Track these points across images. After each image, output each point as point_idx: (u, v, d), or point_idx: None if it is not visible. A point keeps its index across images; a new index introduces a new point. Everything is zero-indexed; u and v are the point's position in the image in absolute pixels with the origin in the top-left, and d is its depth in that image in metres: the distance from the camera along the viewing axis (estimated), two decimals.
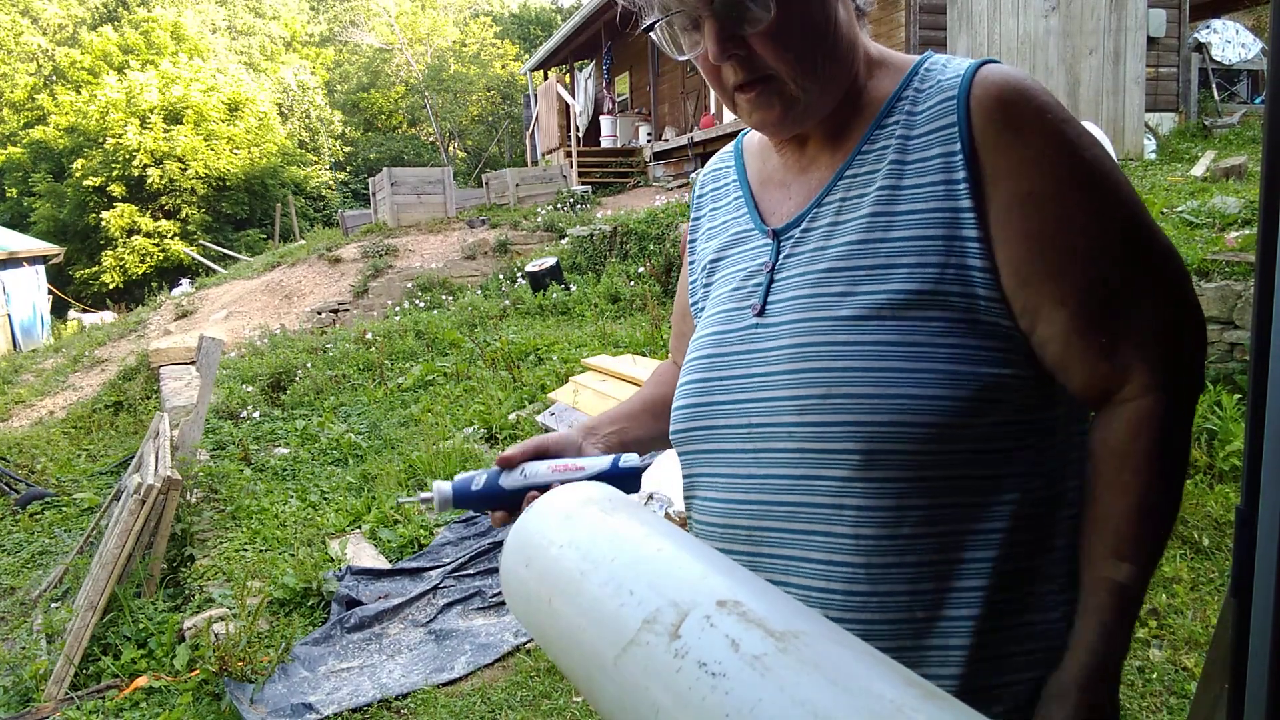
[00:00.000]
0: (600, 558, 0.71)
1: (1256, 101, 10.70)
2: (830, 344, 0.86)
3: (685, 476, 1.03)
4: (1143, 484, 0.83)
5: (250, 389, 7.84)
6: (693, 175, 13.11)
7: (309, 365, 8.29)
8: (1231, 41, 10.70)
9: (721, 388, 0.95)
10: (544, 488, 0.92)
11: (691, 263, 1.14)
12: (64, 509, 6.52)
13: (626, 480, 0.98)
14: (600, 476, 0.97)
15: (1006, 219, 0.84)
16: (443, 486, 0.98)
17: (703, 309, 1.07)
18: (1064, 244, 0.83)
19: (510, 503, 0.97)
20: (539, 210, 13.30)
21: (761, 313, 0.94)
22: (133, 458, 6.60)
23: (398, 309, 10.33)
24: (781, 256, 0.95)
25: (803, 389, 0.87)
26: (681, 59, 0.95)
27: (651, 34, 0.94)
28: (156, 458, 5.42)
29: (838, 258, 0.90)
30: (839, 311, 0.87)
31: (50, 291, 19.92)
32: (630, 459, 0.99)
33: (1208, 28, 10.82)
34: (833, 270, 0.90)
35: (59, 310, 20.81)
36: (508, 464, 0.99)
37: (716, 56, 0.89)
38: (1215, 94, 10.61)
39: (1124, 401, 0.85)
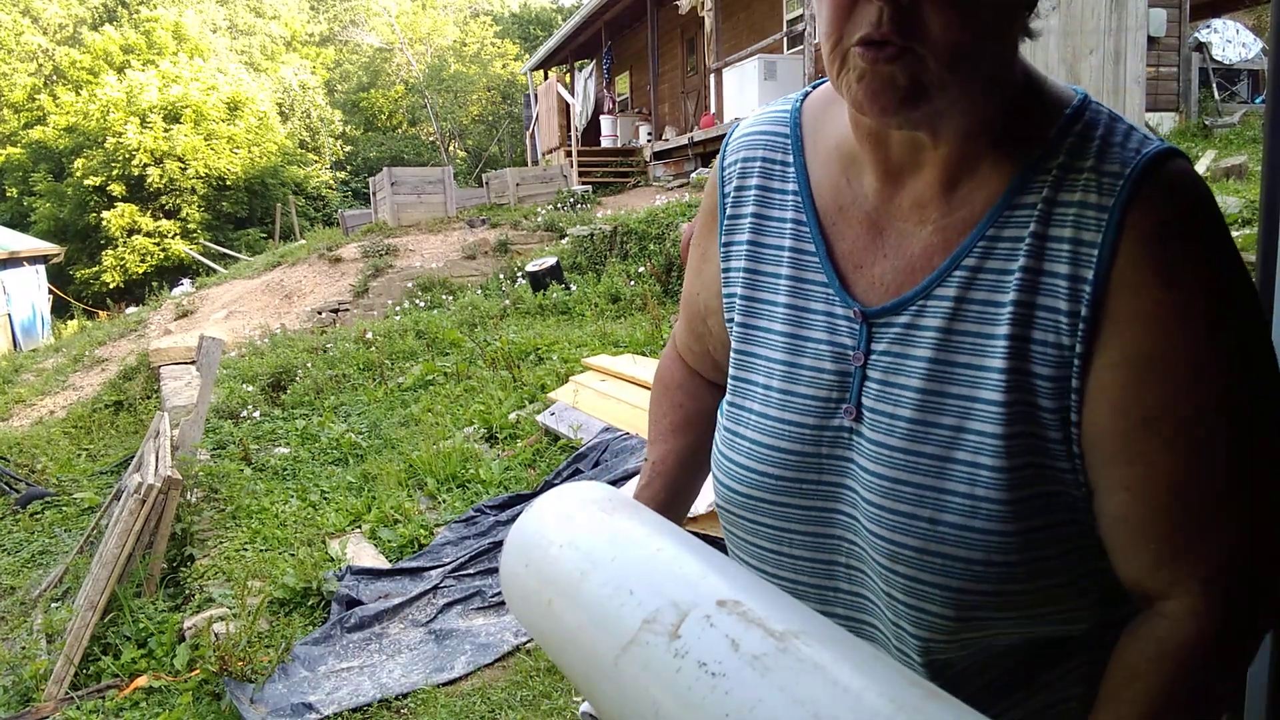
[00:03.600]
0: (600, 558, 0.71)
1: (1257, 101, 10.70)
2: (935, 490, 0.73)
3: (733, 545, 0.92)
4: (1150, 712, 0.70)
5: (250, 389, 7.83)
6: (693, 175, 13.11)
7: (309, 365, 8.29)
8: (1232, 41, 10.70)
9: (802, 492, 0.81)
10: None
11: (726, 270, 0.91)
12: (64, 509, 6.52)
13: None
14: None
15: (1110, 376, 0.69)
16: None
17: (744, 345, 0.88)
18: (1159, 429, 0.68)
19: None
20: (539, 210, 13.30)
21: (858, 418, 0.78)
22: (133, 457, 6.60)
23: (398, 309, 10.33)
24: (875, 348, 0.78)
25: (899, 534, 0.74)
26: None
27: None
28: (157, 457, 5.42)
29: (954, 380, 0.73)
30: (951, 454, 0.72)
31: (50, 291, 19.93)
32: None
33: (1208, 27, 10.82)
34: (945, 397, 0.73)
35: (59, 310, 20.82)
36: None
37: None
38: (1215, 93, 10.61)
39: (1160, 616, 0.71)
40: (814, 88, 0.90)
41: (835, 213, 0.83)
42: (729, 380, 0.90)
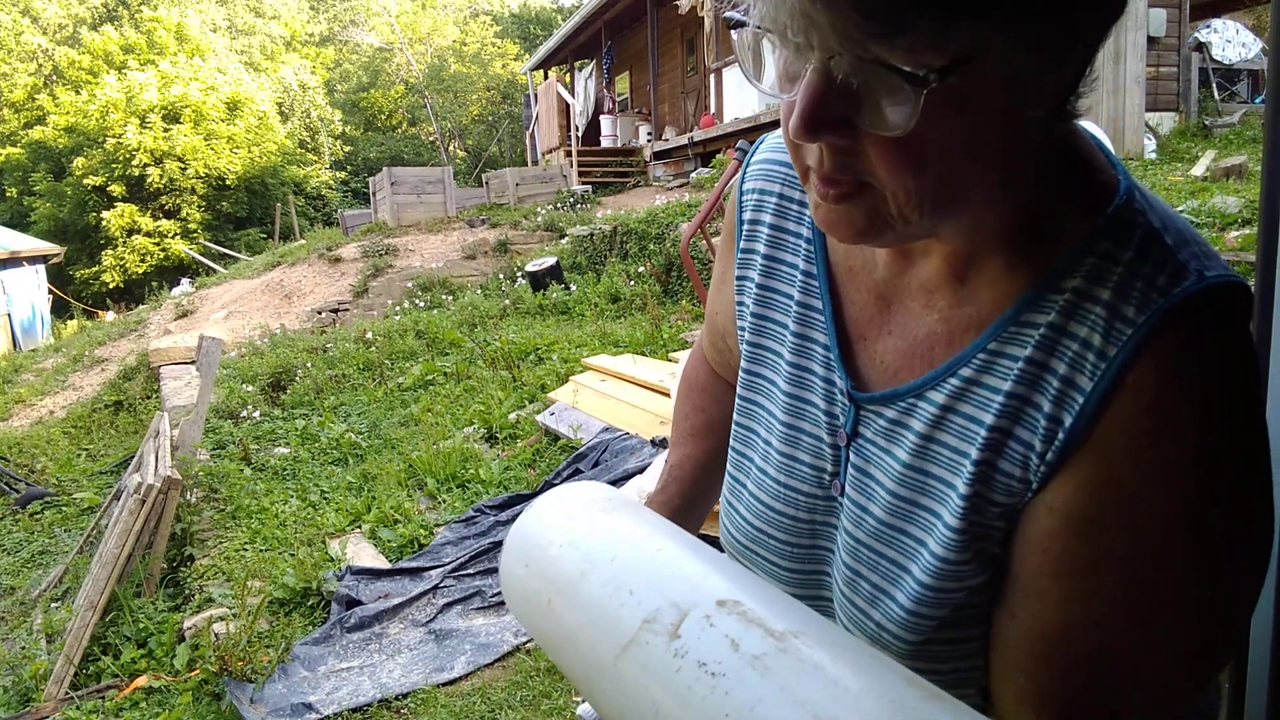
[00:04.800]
0: (600, 558, 0.71)
1: (1257, 101, 10.70)
2: (885, 593, 0.73)
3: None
4: None
5: (250, 389, 7.84)
6: (693, 175, 13.11)
7: (309, 365, 8.29)
8: (1232, 41, 10.70)
9: (793, 555, 0.81)
10: None
11: (739, 304, 0.87)
12: (64, 509, 6.52)
13: None
14: None
15: (1045, 517, 0.64)
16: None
17: (748, 393, 0.87)
18: (1071, 585, 0.63)
19: None
20: (539, 210, 13.30)
21: (842, 492, 0.77)
22: (133, 457, 6.60)
23: (398, 308, 10.34)
24: (861, 433, 0.75)
25: (862, 603, 0.75)
26: (759, 87, 0.64)
27: (733, 34, 0.64)
28: (156, 457, 5.43)
29: (925, 491, 0.71)
30: (907, 564, 0.71)
31: (50, 291, 19.93)
32: None
33: (1208, 27, 10.82)
34: (914, 506, 0.71)
35: (59, 310, 20.82)
36: None
37: (800, 133, 0.58)
38: (1215, 93, 10.61)
39: None
40: None
41: (846, 273, 0.78)
42: (733, 424, 0.88)
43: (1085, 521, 0.61)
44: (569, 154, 16.27)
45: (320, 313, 10.92)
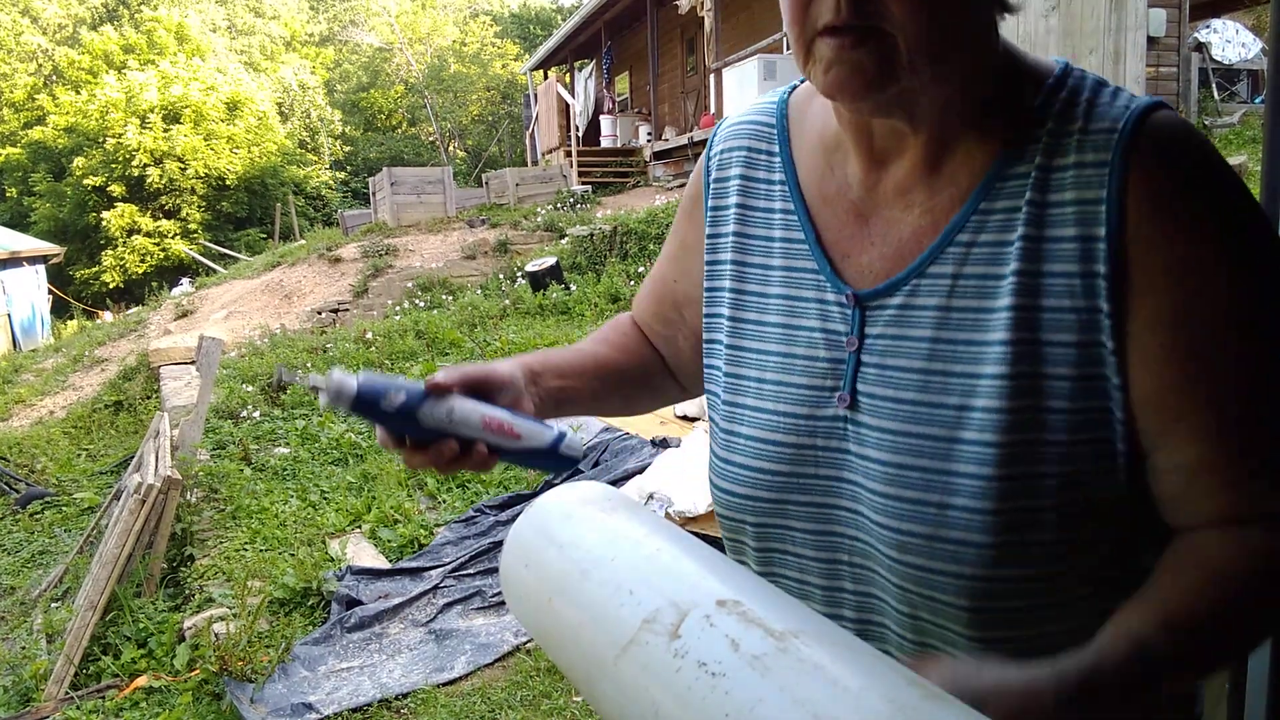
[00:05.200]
0: (600, 558, 0.71)
1: (1256, 101, 10.70)
2: (940, 473, 0.71)
3: (736, 553, 0.89)
4: (1227, 605, 0.66)
5: (250, 389, 7.83)
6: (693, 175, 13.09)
7: (309, 365, 8.29)
8: (1231, 41, 10.70)
9: (801, 487, 0.79)
10: (466, 442, 0.78)
11: (712, 264, 0.89)
12: (64, 509, 6.52)
13: (560, 462, 0.83)
14: (535, 453, 0.82)
15: (1150, 332, 0.66)
16: (345, 381, 0.74)
17: (722, 334, 0.87)
18: (1216, 375, 0.66)
19: (420, 437, 0.77)
20: (539, 210, 13.30)
21: (852, 405, 0.76)
22: (133, 457, 6.60)
23: (398, 309, 10.33)
24: (869, 332, 0.76)
25: (904, 521, 0.72)
26: None
27: None
28: (156, 457, 5.42)
29: (956, 357, 0.71)
30: (956, 434, 0.70)
31: (50, 291, 19.93)
32: (573, 444, 0.83)
33: (1207, 27, 10.83)
34: (949, 375, 0.71)
35: (59, 310, 20.82)
36: (436, 391, 0.76)
37: None
38: (1215, 94, 10.61)
39: (1239, 524, 0.67)
40: (802, 81, 0.86)
41: (820, 202, 0.82)
42: (719, 378, 0.87)
43: (1191, 313, 0.66)
44: (569, 154, 16.27)
45: (320, 313, 10.92)
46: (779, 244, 0.84)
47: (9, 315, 17.10)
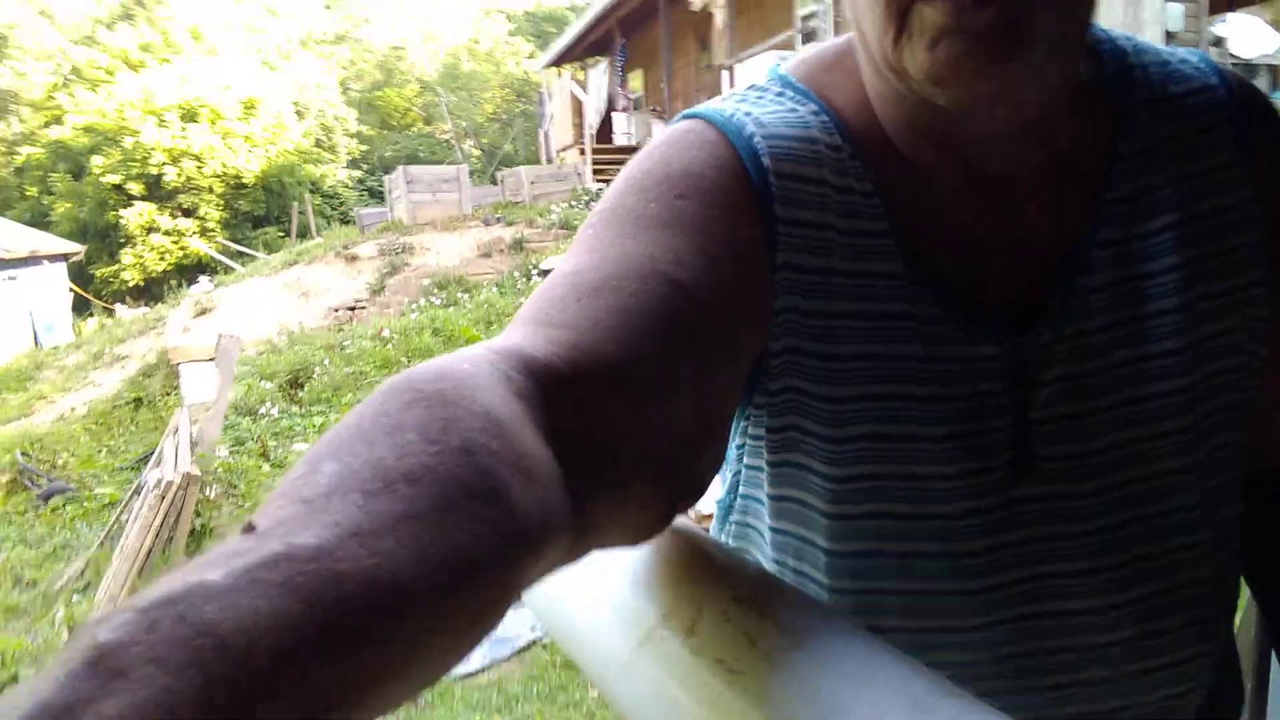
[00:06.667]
0: (616, 552, 0.72)
1: (1274, 95, 10.60)
2: (1161, 514, 0.62)
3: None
4: None
5: (269, 385, 7.90)
6: None
7: (326, 362, 8.35)
8: (1251, 37, 10.60)
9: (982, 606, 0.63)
10: None
11: (790, 350, 0.61)
12: (85, 504, 6.59)
13: None
14: None
15: None
16: None
17: (817, 439, 0.62)
18: None
19: None
20: (554, 208, 13.32)
21: (1027, 470, 0.61)
22: (153, 453, 6.67)
23: (414, 306, 10.38)
24: (1036, 375, 0.61)
25: (1134, 589, 0.62)
26: None
27: None
28: (176, 453, 5.48)
29: (1135, 379, 0.61)
30: (1171, 465, 0.61)
31: (71, 289, 20.11)
32: None
33: (1224, 21, 10.73)
34: (1137, 403, 0.61)
35: (79, 308, 21.01)
36: None
37: None
38: None
39: None
40: (785, 84, 0.65)
41: (923, 235, 0.62)
42: (829, 495, 0.63)
43: None
44: (583, 152, 16.28)
45: (337, 310, 10.98)
46: (877, 281, 0.61)
47: (31, 313, 17.27)
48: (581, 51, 19.48)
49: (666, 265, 0.52)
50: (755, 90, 0.66)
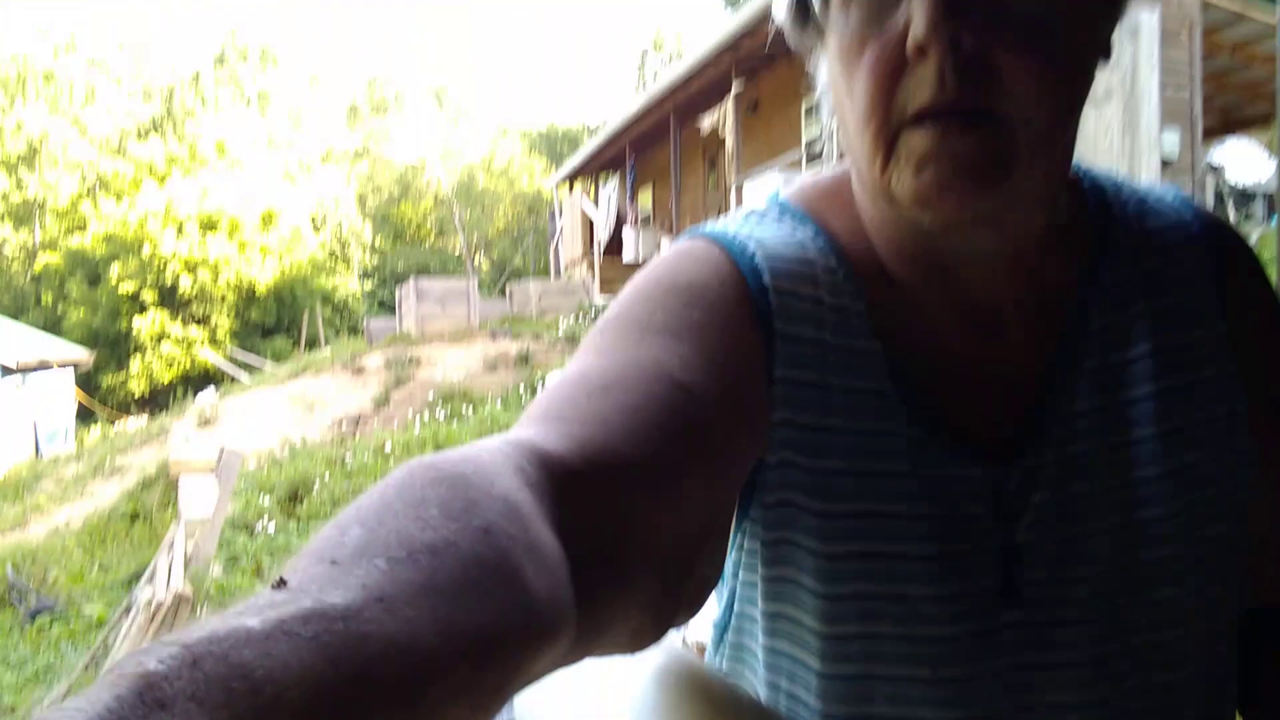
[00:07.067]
0: (618, 683, 0.70)
1: (1272, 221, 10.79)
2: (1153, 646, 0.61)
3: None
4: None
5: (267, 500, 7.81)
6: None
7: (326, 476, 8.28)
8: (1247, 163, 10.87)
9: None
10: None
11: (786, 462, 0.61)
12: (72, 623, 6.42)
13: None
14: None
15: (1265, 425, 0.64)
16: None
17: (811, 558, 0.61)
18: None
19: None
20: (560, 321, 13.47)
21: (1012, 598, 0.60)
22: (145, 570, 6.54)
23: (418, 419, 10.37)
24: (1022, 498, 0.61)
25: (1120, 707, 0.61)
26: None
27: None
28: (170, 571, 5.36)
29: (1117, 506, 0.61)
30: (1164, 594, 0.61)
31: (76, 398, 20.20)
32: None
33: (1221, 146, 11.01)
34: (1122, 529, 0.61)
35: (84, 416, 21.05)
36: None
37: (938, 16, 0.50)
38: (1231, 216, 10.72)
39: None
40: (784, 209, 0.68)
41: (910, 358, 0.63)
42: (822, 614, 0.61)
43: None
44: (591, 266, 16.56)
45: (341, 423, 10.97)
46: (868, 404, 0.62)
47: (35, 423, 17.27)
48: (594, 168, 20.06)
49: (673, 369, 0.53)
50: (756, 214, 0.70)
